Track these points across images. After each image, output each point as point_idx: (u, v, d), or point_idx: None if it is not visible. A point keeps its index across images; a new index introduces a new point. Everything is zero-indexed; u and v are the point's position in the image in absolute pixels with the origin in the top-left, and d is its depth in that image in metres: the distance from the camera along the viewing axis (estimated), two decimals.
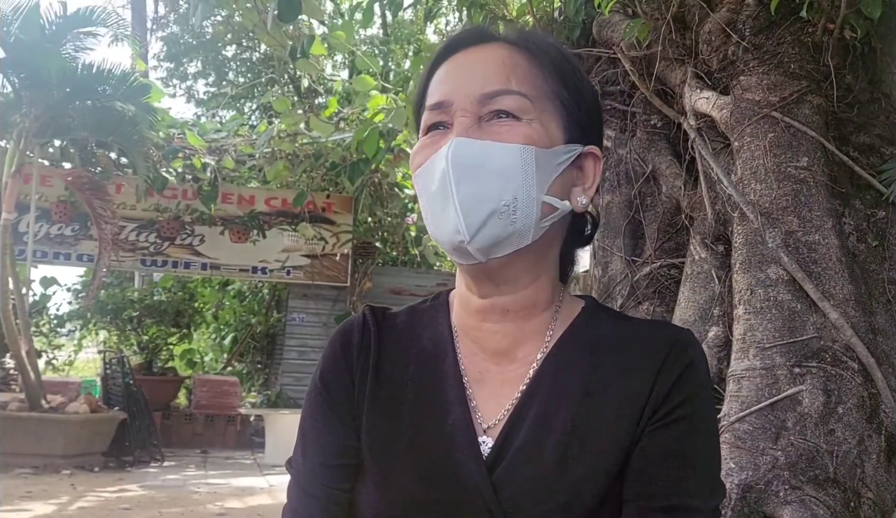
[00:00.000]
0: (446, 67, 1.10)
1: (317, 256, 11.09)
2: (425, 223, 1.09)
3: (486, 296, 1.08)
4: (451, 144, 1.01)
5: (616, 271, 3.15)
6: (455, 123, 1.04)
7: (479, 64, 1.08)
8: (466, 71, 1.08)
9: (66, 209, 10.30)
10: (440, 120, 1.07)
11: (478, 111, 1.04)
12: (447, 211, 1.01)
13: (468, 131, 1.03)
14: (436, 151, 1.04)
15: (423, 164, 1.05)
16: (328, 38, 6.75)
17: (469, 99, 1.04)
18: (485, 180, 1.01)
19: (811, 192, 2.55)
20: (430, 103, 1.08)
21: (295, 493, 1.12)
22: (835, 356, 2.37)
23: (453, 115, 1.05)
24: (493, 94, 1.05)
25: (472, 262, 1.05)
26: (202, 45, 17.54)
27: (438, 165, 1.02)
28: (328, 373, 1.14)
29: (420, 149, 1.07)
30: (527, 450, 1.03)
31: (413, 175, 1.08)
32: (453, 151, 1.01)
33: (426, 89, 1.11)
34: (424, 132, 1.08)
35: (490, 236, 1.01)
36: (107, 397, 9.88)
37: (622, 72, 3.24)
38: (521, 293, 1.08)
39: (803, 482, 2.24)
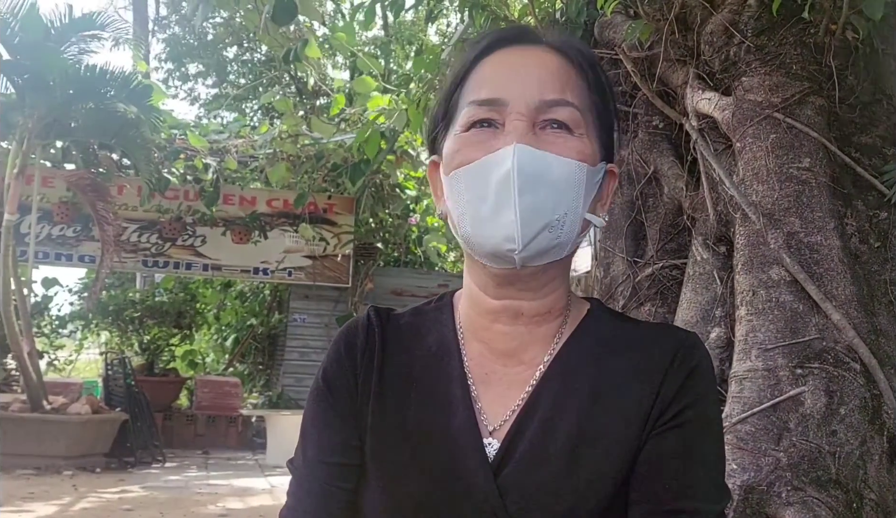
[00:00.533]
0: (496, 63, 1.06)
1: (318, 257, 11.09)
2: (456, 222, 1.04)
3: (502, 298, 1.07)
4: (515, 150, 0.98)
5: (618, 272, 3.15)
6: (510, 126, 1.01)
7: (535, 68, 1.05)
8: (523, 72, 1.04)
9: (68, 210, 10.30)
10: (490, 118, 1.02)
11: (533, 117, 1.02)
12: (501, 217, 0.98)
13: (526, 138, 1.00)
14: (488, 151, 1.00)
15: (472, 162, 1.01)
16: (329, 39, 6.75)
17: (526, 103, 1.01)
18: (544, 192, 0.99)
19: (813, 193, 2.55)
20: (481, 98, 1.03)
21: (294, 490, 1.12)
22: (837, 357, 2.37)
23: (506, 115, 1.01)
24: (552, 103, 1.03)
25: (506, 268, 1.03)
26: (203, 46, 17.55)
27: (497, 168, 0.99)
28: (331, 373, 1.13)
29: (464, 145, 1.03)
30: (533, 453, 1.02)
31: (453, 172, 1.03)
32: (519, 158, 0.98)
33: (464, 80, 1.07)
34: (466, 127, 1.03)
35: (537, 248, 1.00)
36: (108, 398, 9.88)
37: (624, 73, 3.24)
38: (539, 301, 1.07)
39: (805, 483, 2.24)
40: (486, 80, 1.05)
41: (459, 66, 1.09)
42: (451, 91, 1.09)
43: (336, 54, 14.00)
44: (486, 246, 1.01)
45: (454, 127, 1.06)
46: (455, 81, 1.08)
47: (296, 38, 5.48)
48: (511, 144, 0.99)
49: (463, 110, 1.05)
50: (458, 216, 1.03)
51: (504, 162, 0.98)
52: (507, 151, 0.98)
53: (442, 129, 1.10)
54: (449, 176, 1.04)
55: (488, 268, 1.05)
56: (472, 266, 1.09)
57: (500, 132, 1.02)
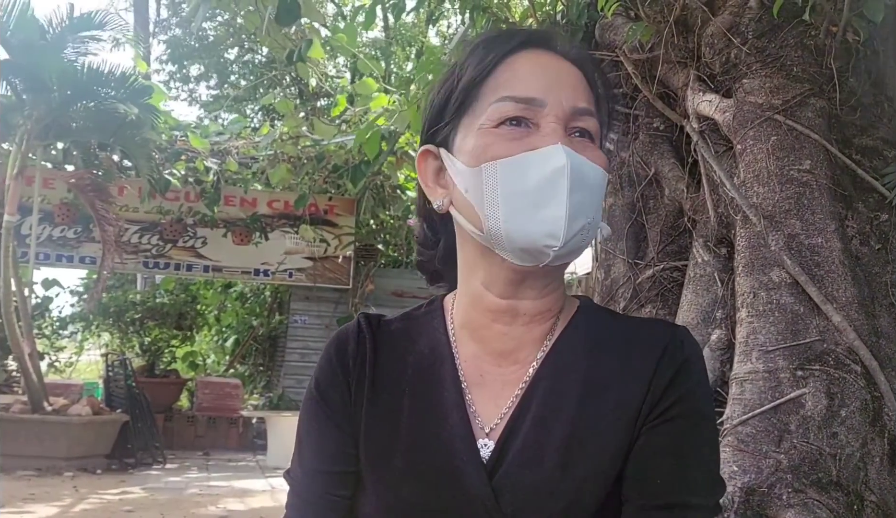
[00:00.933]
0: (531, 62, 1.06)
1: (319, 259, 11.09)
2: (483, 214, 1.02)
3: (507, 297, 1.07)
4: (565, 150, 0.99)
5: (619, 274, 3.15)
6: (547, 127, 1.02)
7: (566, 74, 1.06)
8: (556, 76, 1.05)
9: (69, 211, 10.30)
10: (525, 116, 1.03)
11: (566, 122, 1.03)
12: (545, 212, 0.98)
13: (565, 141, 1.01)
14: (527, 148, 1.00)
15: (511, 155, 1.00)
16: (330, 40, 6.75)
17: (562, 107, 1.03)
18: (585, 194, 1.00)
19: (814, 195, 2.55)
20: (518, 95, 1.03)
21: (292, 501, 1.12)
22: (838, 359, 2.37)
23: (542, 117, 1.02)
24: (583, 112, 1.05)
25: (528, 266, 1.03)
26: (204, 47, 17.56)
27: (543, 165, 0.99)
28: (324, 381, 1.13)
29: (498, 139, 1.02)
30: (526, 453, 1.03)
31: (485, 164, 1.01)
32: (571, 159, 0.99)
33: (491, 74, 1.06)
34: (498, 122, 1.03)
35: (571, 247, 1.01)
36: (109, 399, 9.88)
37: (625, 75, 3.24)
38: (540, 300, 1.08)
39: (806, 485, 2.23)
40: (520, 78, 1.05)
41: (482, 60, 1.07)
42: (473, 84, 1.07)
43: (337, 56, 14.01)
44: (519, 241, 1.00)
45: (476, 121, 1.05)
46: (478, 75, 1.07)
47: (297, 39, 5.48)
48: (556, 143, 1.00)
49: (491, 105, 1.04)
50: (488, 209, 1.02)
51: (553, 159, 0.99)
52: (556, 150, 0.99)
53: (453, 120, 1.09)
54: (478, 168, 1.02)
55: (506, 264, 1.04)
56: (481, 262, 1.08)
57: (534, 132, 1.02)
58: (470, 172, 1.04)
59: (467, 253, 1.10)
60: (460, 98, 1.08)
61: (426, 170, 1.13)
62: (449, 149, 1.09)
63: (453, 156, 1.07)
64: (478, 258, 1.08)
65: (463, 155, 1.05)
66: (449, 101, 1.09)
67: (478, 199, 1.02)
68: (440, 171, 1.11)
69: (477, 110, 1.05)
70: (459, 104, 1.08)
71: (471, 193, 1.04)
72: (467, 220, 1.06)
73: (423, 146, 1.14)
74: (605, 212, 3.25)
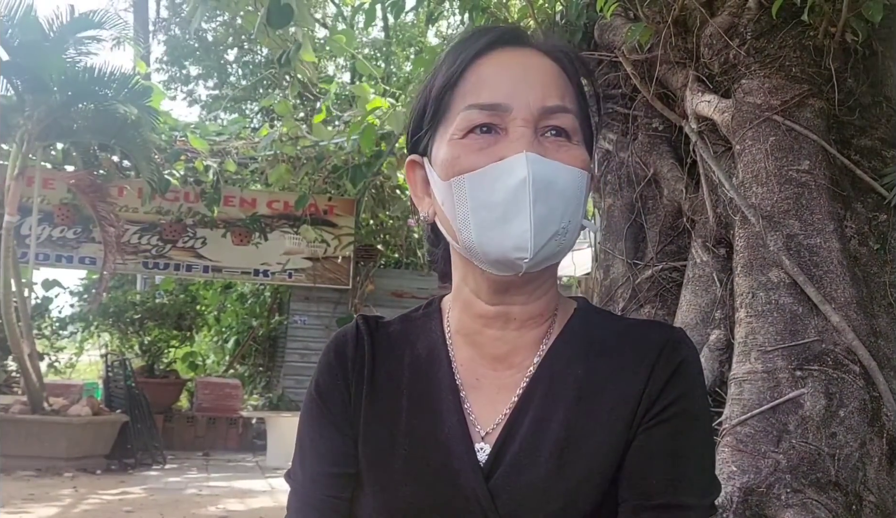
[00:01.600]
0: (495, 65, 1.04)
1: (318, 259, 11.09)
2: (456, 228, 1.02)
3: (495, 304, 1.07)
4: (527, 158, 0.97)
5: (618, 274, 3.15)
6: (515, 132, 1.00)
7: (536, 72, 1.04)
8: (524, 77, 1.03)
9: (69, 212, 10.30)
10: (491, 122, 1.01)
11: (536, 123, 1.01)
12: (512, 226, 0.97)
13: (532, 146, 0.99)
14: (493, 158, 0.99)
15: (476, 169, 0.99)
16: (329, 41, 6.75)
17: (530, 109, 1.00)
18: (554, 201, 0.98)
19: (812, 195, 2.55)
20: (483, 102, 1.01)
21: (294, 504, 1.12)
22: (836, 359, 2.37)
23: (510, 122, 1.00)
24: (553, 110, 1.02)
25: (507, 275, 1.02)
26: (204, 47, 17.56)
27: (508, 177, 0.97)
28: (324, 384, 1.13)
29: (465, 151, 1.01)
30: (523, 456, 1.03)
31: (454, 178, 1.00)
32: (533, 168, 0.97)
33: (459, 81, 1.04)
34: (465, 132, 1.01)
35: (544, 256, 1.00)
36: (109, 400, 9.88)
37: (624, 75, 3.25)
38: (531, 305, 1.07)
39: (805, 485, 2.24)
40: (485, 83, 1.03)
41: (451, 66, 1.06)
42: (443, 91, 1.05)
43: (336, 57, 14.02)
44: (491, 254, 1.00)
45: (448, 130, 1.03)
46: (448, 82, 1.05)
47: (294, 39, 5.48)
48: (521, 152, 0.98)
49: (460, 113, 1.02)
50: (460, 222, 1.01)
51: (516, 170, 0.97)
52: (518, 160, 0.97)
53: (430, 129, 1.07)
54: (448, 182, 1.02)
55: (487, 274, 1.04)
56: (467, 272, 1.08)
57: (503, 138, 1.00)
58: (443, 186, 1.03)
59: (456, 261, 1.10)
60: (433, 107, 1.06)
61: (414, 179, 1.12)
62: (429, 158, 1.08)
63: (432, 167, 1.07)
64: (464, 267, 1.08)
65: (437, 166, 1.04)
66: (425, 110, 1.08)
67: (451, 212, 1.02)
68: (426, 180, 1.10)
69: (448, 119, 1.04)
70: (433, 113, 1.06)
71: (445, 207, 1.03)
72: (447, 233, 1.06)
73: (409, 156, 1.13)
74: (603, 212, 3.25)
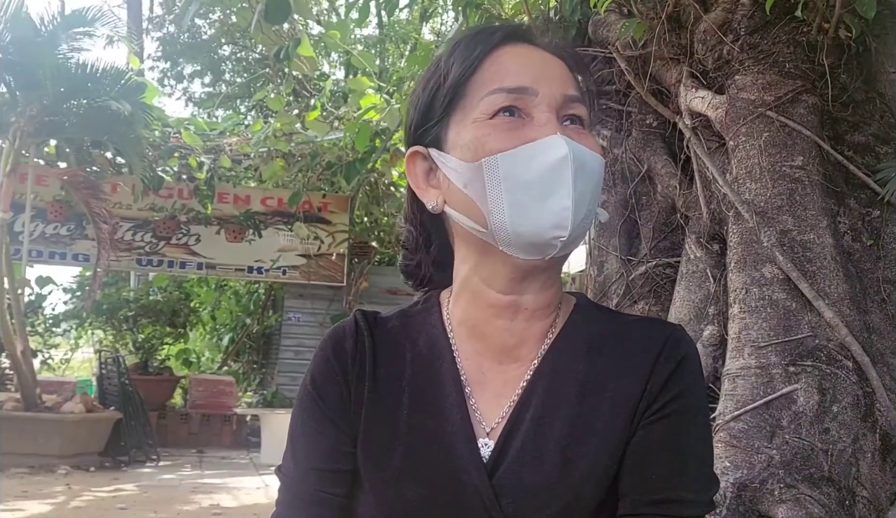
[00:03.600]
0: (517, 54, 1.06)
1: (313, 256, 11.07)
2: (490, 210, 1.01)
3: (509, 293, 1.06)
4: (566, 139, 0.99)
5: (612, 270, 3.15)
6: (541, 117, 1.01)
7: (551, 65, 1.06)
8: (543, 67, 1.05)
9: (62, 209, 10.27)
10: (517, 106, 1.02)
11: (558, 110, 1.03)
12: (551, 204, 0.98)
13: (560, 130, 1.01)
14: (523, 139, 0.99)
15: (510, 149, 0.99)
16: (323, 37, 6.73)
17: (553, 95, 1.03)
18: (588, 183, 1.00)
19: (806, 191, 2.56)
20: (510, 85, 1.02)
21: (284, 497, 1.11)
22: (829, 355, 2.38)
23: (534, 106, 1.02)
24: (573, 99, 1.04)
25: (533, 260, 1.02)
26: (198, 45, 17.51)
27: (545, 155, 0.98)
28: (320, 378, 1.11)
29: (494, 131, 1.01)
30: (526, 453, 1.02)
31: (486, 158, 1.00)
32: (573, 148, 0.99)
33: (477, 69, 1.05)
34: (491, 114, 1.02)
35: (576, 237, 1.00)
36: (102, 397, 9.86)
37: (618, 71, 3.24)
38: (541, 294, 1.07)
39: (798, 481, 2.24)
40: (508, 70, 1.04)
41: (469, 56, 1.07)
42: (461, 79, 1.06)
43: (331, 53, 13.98)
44: (526, 234, 0.99)
45: (469, 115, 1.04)
46: (466, 71, 1.06)
47: (289, 36, 5.46)
48: (555, 133, 0.99)
49: (483, 99, 1.03)
50: (492, 203, 1.00)
51: (554, 149, 0.98)
52: (556, 140, 0.99)
53: (443, 118, 1.07)
54: (477, 163, 1.01)
55: (511, 259, 1.03)
56: (482, 260, 1.06)
57: (528, 122, 1.01)
58: (468, 168, 1.02)
59: (467, 251, 1.09)
60: (449, 95, 1.06)
61: (416, 172, 1.11)
62: (440, 147, 1.07)
63: (446, 154, 1.06)
64: (478, 255, 1.07)
65: (458, 150, 1.04)
66: (436, 100, 1.08)
67: (479, 194, 1.01)
68: (430, 172, 1.09)
69: (467, 107, 1.04)
70: (448, 102, 1.06)
71: (470, 189, 1.02)
72: (468, 217, 1.04)
73: (411, 148, 1.12)
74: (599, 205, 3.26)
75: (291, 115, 9.26)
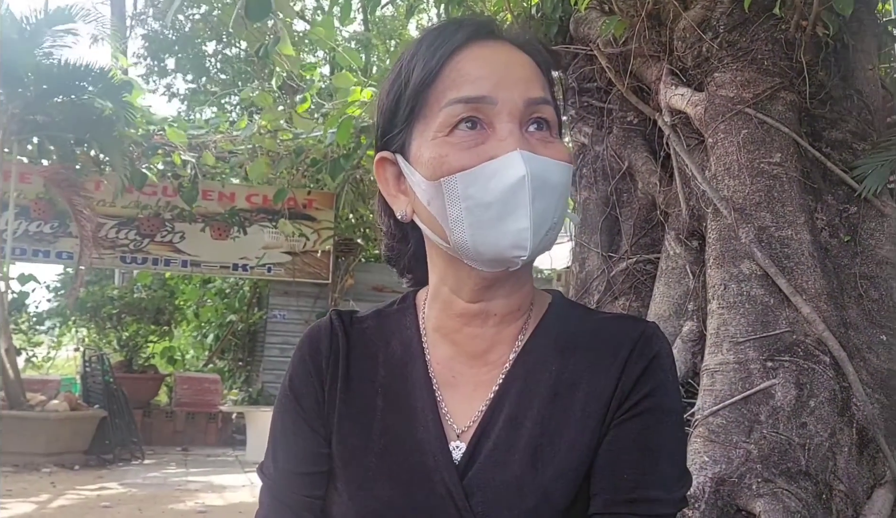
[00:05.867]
0: (475, 58, 1.02)
1: (298, 253, 11.05)
2: (449, 227, 0.99)
3: (476, 301, 1.06)
4: (524, 157, 0.96)
5: (593, 267, 3.17)
6: (503, 128, 0.98)
7: (515, 66, 1.02)
8: (504, 70, 1.01)
9: (45, 207, 10.22)
10: (476, 117, 0.98)
11: (521, 116, 0.99)
12: (509, 224, 0.96)
13: (521, 142, 0.97)
14: (483, 156, 0.97)
15: (469, 168, 0.97)
16: (308, 33, 6.70)
17: (514, 102, 0.99)
18: (548, 198, 0.97)
19: (784, 187, 2.57)
20: (467, 96, 0.98)
21: (267, 500, 1.11)
22: (807, 350, 2.40)
23: (494, 116, 0.98)
24: (537, 101, 1.01)
25: (497, 272, 1.01)
26: (182, 41, 17.42)
27: (504, 175, 0.95)
28: (297, 380, 1.11)
29: (453, 149, 0.98)
30: (498, 453, 1.03)
31: (445, 178, 0.98)
32: (531, 166, 0.95)
33: (435, 76, 1.01)
34: (450, 129, 0.99)
35: (537, 252, 0.99)
36: (87, 395, 9.82)
37: (599, 68, 3.26)
38: (510, 299, 1.07)
39: (776, 475, 2.26)
40: (466, 77, 1.00)
41: (428, 61, 1.03)
42: (420, 88, 1.02)
43: (317, 49, 13.96)
44: (486, 253, 0.98)
45: (429, 127, 1.01)
46: (425, 78, 1.02)
47: (273, 32, 5.44)
48: (514, 150, 0.96)
49: (442, 110, 1.00)
50: (452, 222, 0.98)
51: (513, 168, 0.95)
52: (514, 157, 0.96)
53: (405, 127, 1.04)
54: (437, 182, 0.99)
55: (476, 271, 1.02)
56: (448, 270, 1.06)
57: (490, 135, 0.98)
58: (430, 186, 1.00)
59: (435, 260, 1.09)
60: (410, 104, 1.03)
61: (385, 176, 1.09)
62: (406, 156, 1.05)
63: (411, 165, 1.04)
64: (444, 266, 1.06)
65: (420, 166, 1.01)
66: (399, 107, 1.05)
67: (440, 212, 1.00)
68: (400, 178, 1.07)
69: (428, 116, 1.02)
70: (410, 110, 1.04)
71: (432, 206, 1.01)
72: (432, 232, 1.04)
73: (378, 153, 1.09)
74: (579, 205, 3.27)
75: (277, 111, 9.23)
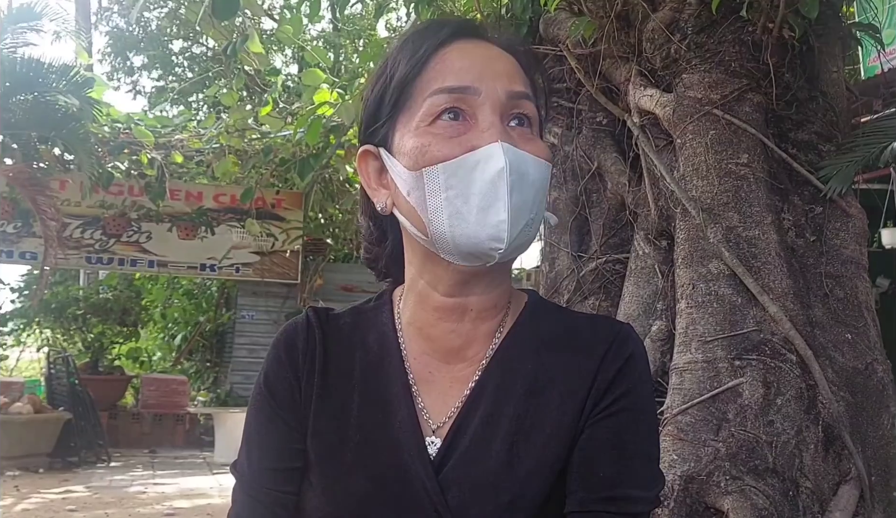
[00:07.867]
0: (461, 52, 1.03)
1: (266, 253, 10.97)
2: (430, 220, 0.99)
3: (452, 296, 1.06)
4: (504, 149, 0.96)
5: (563, 267, 3.18)
6: (485, 120, 0.99)
7: (499, 62, 1.04)
8: (488, 64, 1.02)
9: (8, 206, 10.06)
10: (459, 107, 1.00)
11: (503, 109, 1.00)
12: (488, 216, 0.96)
13: (503, 135, 0.98)
14: (465, 147, 0.98)
15: (451, 159, 0.97)
16: (276, 32, 6.66)
17: (497, 94, 1.00)
18: (527, 192, 0.98)
19: (751, 188, 2.60)
20: (451, 85, 1.00)
21: (240, 497, 1.11)
22: (774, 349, 2.43)
23: (477, 106, 1.00)
24: (520, 95, 1.02)
25: (475, 266, 1.02)
26: (148, 38, 17.25)
27: (484, 166, 0.96)
28: (273, 376, 1.11)
29: (435, 140, 0.99)
30: (473, 450, 1.03)
31: (427, 168, 0.98)
32: (509, 157, 0.96)
33: (423, 68, 1.03)
34: (432, 118, 1.00)
35: (516, 246, 0.99)
36: (51, 397, 9.70)
37: (568, 69, 3.27)
38: (487, 295, 1.07)
39: (744, 472, 2.29)
40: (451, 68, 1.02)
41: (414, 54, 1.04)
42: (406, 80, 1.04)
43: (285, 48, 13.88)
44: (464, 245, 0.99)
45: (413, 118, 1.02)
46: (411, 70, 1.04)
47: (241, 30, 5.40)
48: (495, 141, 0.97)
49: (426, 100, 1.01)
50: (431, 213, 0.99)
51: (493, 160, 0.96)
52: (494, 149, 0.97)
53: (389, 118, 1.05)
54: (419, 172, 0.99)
55: (453, 266, 1.02)
56: (425, 264, 1.06)
57: (472, 126, 0.99)
58: (411, 176, 1.01)
59: (412, 254, 1.09)
60: (394, 96, 1.05)
61: (367, 170, 1.10)
62: (388, 149, 1.06)
63: (393, 157, 1.04)
64: (422, 259, 1.06)
65: (402, 157, 1.02)
66: (384, 100, 1.06)
67: (420, 203, 1.00)
68: (382, 171, 1.08)
69: (412, 107, 1.03)
70: (394, 102, 1.05)
71: (413, 197, 1.01)
72: (411, 224, 1.04)
73: (362, 146, 1.10)
74: (549, 205, 3.28)
75: (245, 110, 9.16)
